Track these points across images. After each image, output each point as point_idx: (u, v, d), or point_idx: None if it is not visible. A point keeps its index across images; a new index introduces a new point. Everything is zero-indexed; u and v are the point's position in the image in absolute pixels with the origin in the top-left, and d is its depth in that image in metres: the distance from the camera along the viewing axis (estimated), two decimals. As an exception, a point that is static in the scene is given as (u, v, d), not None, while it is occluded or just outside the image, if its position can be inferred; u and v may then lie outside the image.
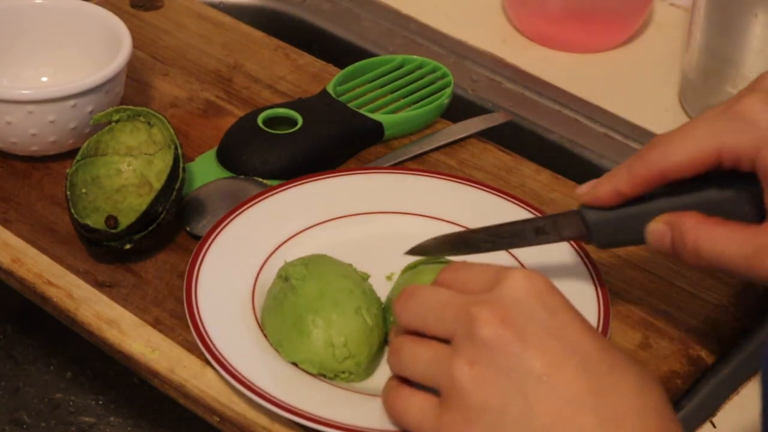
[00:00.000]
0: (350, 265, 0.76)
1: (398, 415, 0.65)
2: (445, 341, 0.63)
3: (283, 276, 0.74)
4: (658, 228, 0.68)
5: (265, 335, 0.73)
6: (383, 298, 0.75)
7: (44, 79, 0.95)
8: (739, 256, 0.64)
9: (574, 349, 0.60)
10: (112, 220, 0.81)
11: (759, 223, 0.65)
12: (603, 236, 0.70)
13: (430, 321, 0.64)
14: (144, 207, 0.80)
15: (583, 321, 0.62)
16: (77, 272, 0.80)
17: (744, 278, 0.66)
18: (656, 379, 0.62)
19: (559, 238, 0.73)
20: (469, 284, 0.64)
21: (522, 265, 0.78)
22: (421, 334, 0.64)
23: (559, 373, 0.60)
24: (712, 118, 0.66)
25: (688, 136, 0.66)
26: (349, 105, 0.93)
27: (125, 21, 0.92)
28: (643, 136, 0.97)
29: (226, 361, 0.71)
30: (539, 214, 0.81)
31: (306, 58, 1.02)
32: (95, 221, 0.81)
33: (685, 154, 0.66)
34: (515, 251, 0.79)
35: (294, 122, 0.90)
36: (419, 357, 0.64)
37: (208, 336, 0.73)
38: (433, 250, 0.75)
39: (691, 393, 0.76)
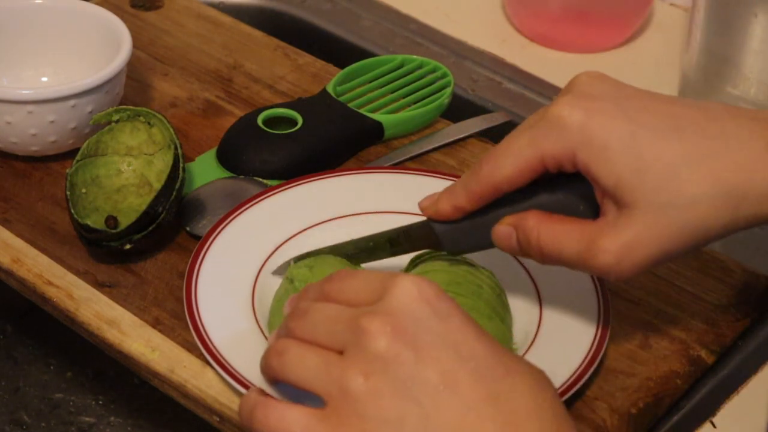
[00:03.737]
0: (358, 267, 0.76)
1: (273, 431, 0.62)
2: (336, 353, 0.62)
3: (289, 278, 0.75)
4: (503, 230, 0.69)
5: (266, 337, 0.73)
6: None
7: (44, 79, 0.95)
8: (574, 251, 0.66)
9: (468, 356, 0.60)
10: (112, 220, 0.81)
11: (593, 219, 0.67)
12: (453, 245, 0.72)
13: (320, 335, 0.62)
14: (144, 207, 0.80)
15: (475, 325, 0.62)
16: (77, 272, 0.80)
17: (583, 272, 0.68)
18: (547, 378, 0.62)
19: (413, 249, 0.74)
20: (357, 295, 0.63)
21: (523, 267, 0.78)
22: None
23: (455, 381, 0.59)
24: (531, 126, 0.67)
25: (512, 148, 0.67)
26: (349, 105, 0.93)
27: (125, 21, 0.92)
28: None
29: (225, 361, 0.71)
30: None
31: (306, 58, 1.02)
32: (95, 221, 0.81)
33: (511, 166, 0.67)
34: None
35: (294, 122, 0.90)
36: (307, 362, 0.62)
37: (208, 336, 0.73)
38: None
39: (691, 393, 0.76)
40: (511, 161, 0.67)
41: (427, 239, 0.72)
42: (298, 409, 0.61)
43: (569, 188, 0.68)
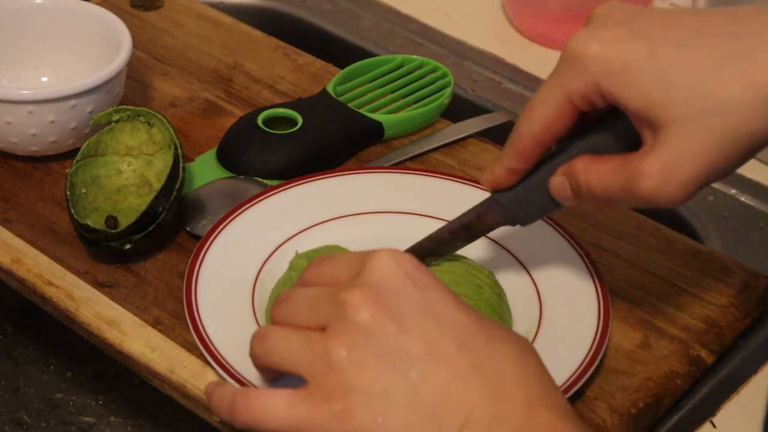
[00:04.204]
0: None
1: (259, 419, 0.61)
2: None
3: (289, 266, 0.75)
4: (557, 181, 0.69)
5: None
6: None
7: (44, 79, 0.95)
8: (619, 185, 0.65)
9: (451, 325, 0.60)
10: (112, 220, 0.81)
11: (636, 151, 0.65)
12: (521, 212, 0.71)
13: (302, 314, 0.62)
14: (144, 207, 0.80)
15: (455, 296, 0.62)
16: (77, 272, 0.80)
17: (633, 206, 0.66)
18: (531, 345, 0.62)
19: (487, 228, 0.73)
20: (337, 275, 0.63)
21: (523, 267, 0.78)
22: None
23: (438, 351, 0.59)
24: (555, 69, 0.66)
25: (540, 97, 0.67)
26: (349, 105, 0.93)
27: (125, 21, 0.92)
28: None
29: (225, 361, 0.71)
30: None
31: (306, 58, 1.02)
32: (95, 221, 0.81)
33: (544, 116, 0.66)
34: (516, 252, 0.79)
35: (294, 122, 0.90)
36: (289, 343, 0.62)
37: (207, 336, 0.73)
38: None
39: (691, 393, 0.76)
40: (541, 110, 0.66)
41: (496, 215, 0.72)
42: (280, 392, 0.61)
43: (613, 125, 0.67)
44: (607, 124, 0.67)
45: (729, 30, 0.63)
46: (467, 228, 0.73)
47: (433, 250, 0.75)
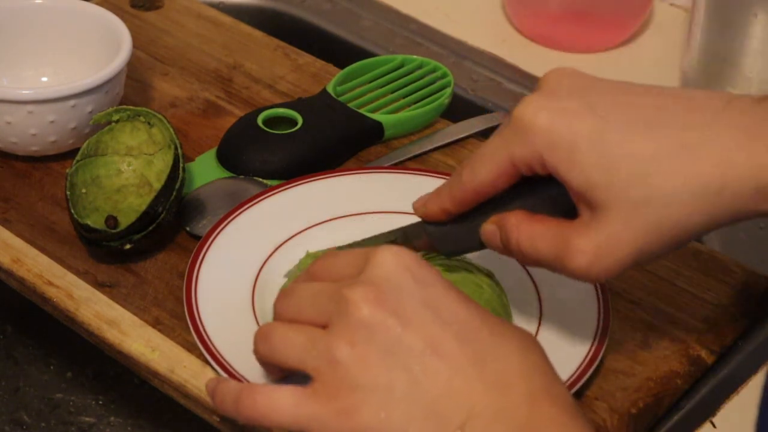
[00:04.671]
0: None
1: (264, 414, 0.62)
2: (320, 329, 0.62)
3: (299, 265, 0.75)
4: (488, 228, 0.69)
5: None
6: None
7: (44, 79, 0.95)
8: (550, 253, 0.65)
9: (452, 320, 0.61)
10: (112, 220, 0.81)
11: (572, 220, 0.65)
12: (445, 245, 0.72)
13: (305, 310, 0.63)
14: (144, 207, 0.80)
15: (456, 291, 0.62)
16: (77, 272, 0.80)
17: (561, 274, 0.66)
18: (535, 340, 0.62)
19: (413, 249, 0.73)
20: (340, 271, 0.64)
21: (523, 267, 0.78)
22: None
23: (440, 345, 0.60)
24: (503, 130, 0.66)
25: (485, 154, 0.67)
26: (349, 105, 0.93)
27: (125, 21, 0.92)
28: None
29: (225, 361, 0.71)
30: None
31: (306, 58, 1.02)
32: (95, 221, 0.81)
33: (487, 172, 0.66)
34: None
35: (294, 122, 0.90)
36: (293, 341, 0.62)
37: (207, 336, 0.73)
38: None
39: (691, 393, 0.76)
40: (485, 167, 0.66)
41: (422, 241, 0.72)
42: (286, 389, 0.61)
43: (551, 190, 0.67)
44: (547, 187, 0.67)
45: (677, 120, 0.63)
46: (393, 244, 0.74)
47: None
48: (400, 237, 0.74)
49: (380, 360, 0.59)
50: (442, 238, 0.71)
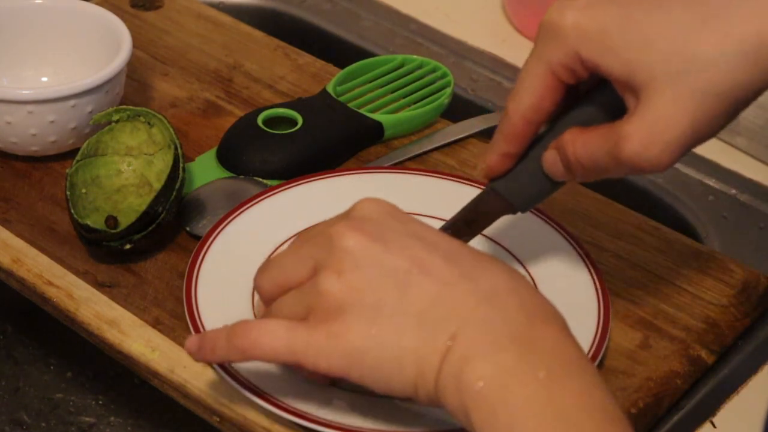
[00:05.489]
0: None
1: (257, 343, 0.63)
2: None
3: None
4: (549, 156, 0.68)
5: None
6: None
7: (44, 79, 0.95)
8: (604, 152, 0.64)
9: (436, 246, 0.62)
10: (112, 220, 0.81)
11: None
12: (520, 198, 0.71)
13: (289, 270, 0.64)
14: (144, 207, 0.80)
15: (436, 229, 0.64)
16: (77, 272, 0.80)
17: (622, 174, 0.65)
18: (519, 273, 0.63)
19: (488, 220, 0.73)
20: (319, 228, 0.65)
21: (523, 267, 0.78)
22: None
23: (426, 264, 0.61)
24: (535, 45, 0.66)
25: (525, 75, 0.66)
26: (349, 105, 0.93)
27: (125, 21, 0.92)
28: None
29: (226, 361, 0.71)
30: (539, 213, 0.81)
31: (306, 58, 1.02)
32: (95, 221, 0.81)
33: (530, 93, 0.66)
34: (515, 252, 0.79)
35: (294, 122, 0.90)
36: (285, 298, 0.64)
37: (208, 336, 0.73)
38: None
39: (691, 393, 0.76)
40: (527, 88, 0.66)
41: (495, 203, 0.71)
42: (279, 321, 0.63)
43: (598, 98, 0.67)
44: (593, 97, 0.67)
45: None
46: (468, 222, 0.73)
47: None
48: (473, 211, 0.73)
49: (367, 282, 0.60)
50: (511, 190, 0.70)
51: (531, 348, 0.58)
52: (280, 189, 0.84)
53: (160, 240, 0.82)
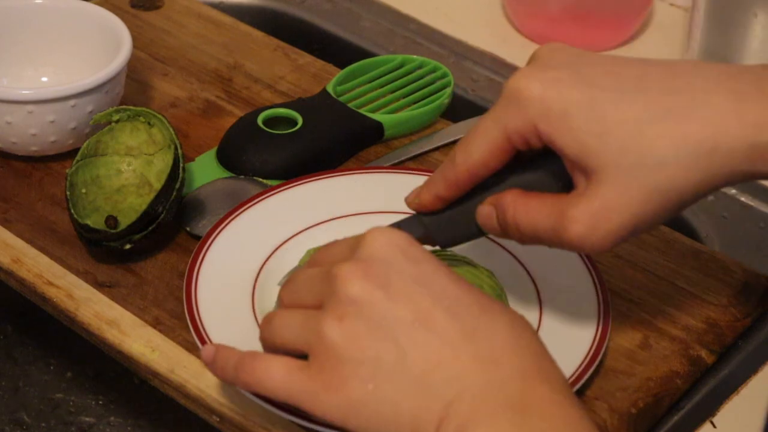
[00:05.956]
0: None
1: (260, 381, 0.63)
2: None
3: (300, 262, 0.75)
4: (484, 210, 0.68)
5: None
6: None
7: (44, 79, 0.95)
8: (546, 226, 0.65)
9: (442, 295, 0.61)
10: (112, 220, 0.81)
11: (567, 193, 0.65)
12: (443, 236, 0.71)
13: (302, 294, 0.64)
14: (144, 207, 0.80)
15: (448, 269, 0.62)
16: (77, 272, 0.80)
17: (559, 248, 0.66)
18: (526, 320, 0.62)
19: None
20: (336, 255, 0.65)
21: (523, 267, 0.78)
22: None
23: (429, 319, 0.60)
24: (496, 106, 0.66)
25: (479, 131, 0.66)
26: (349, 105, 0.93)
27: (125, 21, 0.92)
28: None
29: (226, 361, 0.71)
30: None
31: (306, 58, 1.02)
32: (95, 221, 0.81)
33: (481, 150, 0.66)
34: (516, 252, 0.79)
35: (294, 122, 0.90)
36: (290, 323, 0.63)
37: (207, 336, 0.73)
38: None
39: (691, 393, 0.76)
40: (479, 145, 0.66)
41: (418, 232, 0.72)
42: (281, 359, 0.63)
43: (547, 164, 0.67)
44: (542, 163, 0.67)
45: (668, 85, 0.63)
46: None
47: None
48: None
49: (368, 333, 0.60)
50: (438, 227, 0.71)
51: (527, 413, 0.58)
52: (280, 189, 0.84)
53: (160, 240, 0.82)
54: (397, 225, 0.72)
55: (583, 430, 0.59)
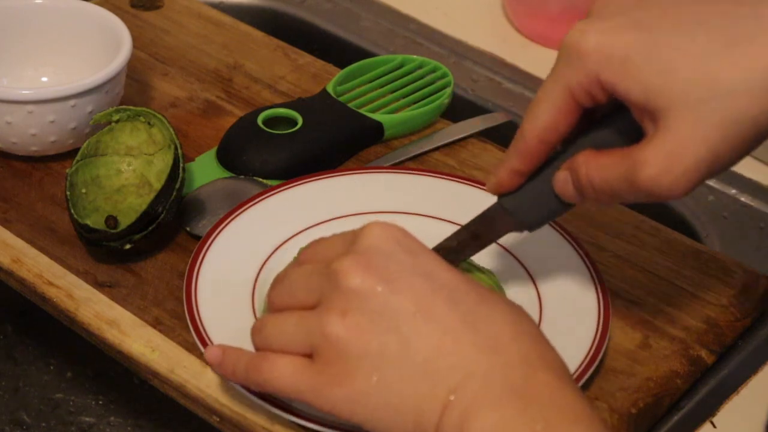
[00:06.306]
0: None
1: (268, 380, 0.63)
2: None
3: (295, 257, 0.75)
4: (560, 176, 0.67)
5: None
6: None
7: (44, 79, 0.95)
8: (619, 175, 0.63)
9: (441, 285, 0.61)
10: (112, 220, 0.81)
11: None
12: (528, 216, 0.70)
13: (297, 293, 0.64)
14: (144, 207, 0.80)
15: (444, 261, 0.63)
16: (77, 272, 0.80)
17: (636, 200, 0.64)
18: (524, 311, 0.63)
19: (496, 235, 0.72)
20: (330, 251, 0.65)
21: (523, 267, 0.78)
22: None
23: (430, 308, 0.60)
24: (555, 65, 0.65)
25: (542, 95, 0.65)
26: (349, 105, 0.93)
27: (125, 21, 0.92)
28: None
29: (226, 361, 0.71)
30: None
31: (306, 58, 1.02)
32: (95, 221, 0.81)
33: (546, 114, 0.65)
34: (516, 253, 0.79)
35: (294, 122, 0.90)
36: (285, 326, 0.63)
37: (207, 336, 0.73)
38: None
39: (691, 393, 0.76)
40: (544, 108, 0.65)
41: (503, 221, 0.71)
42: (288, 358, 0.63)
43: (615, 122, 0.66)
44: (610, 121, 0.67)
45: (731, 12, 0.61)
46: (474, 236, 0.72)
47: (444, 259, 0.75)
48: (480, 225, 0.72)
49: (371, 326, 0.60)
50: (520, 208, 0.70)
51: (530, 400, 0.58)
52: (280, 189, 0.84)
53: (160, 240, 0.82)
54: (482, 216, 0.71)
55: (585, 416, 0.59)
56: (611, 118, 0.67)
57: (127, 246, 0.79)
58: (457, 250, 0.73)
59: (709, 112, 0.60)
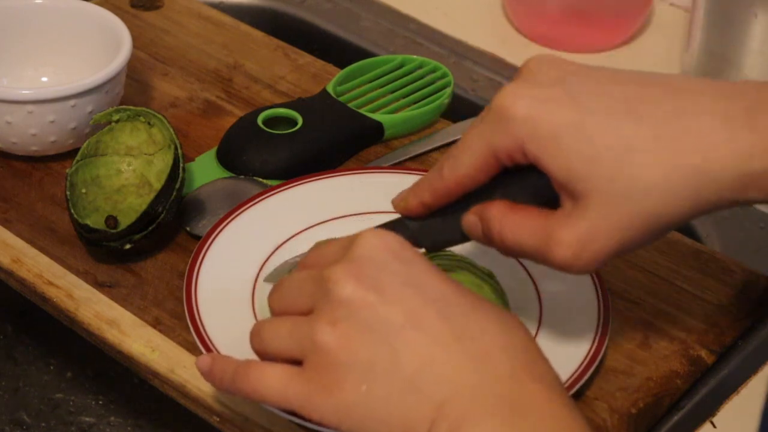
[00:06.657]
0: None
1: (256, 389, 0.63)
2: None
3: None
4: (469, 219, 0.68)
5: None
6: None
7: (44, 79, 0.95)
8: (532, 246, 0.64)
9: (433, 296, 0.61)
10: (112, 220, 0.81)
11: (554, 210, 0.64)
12: (427, 240, 0.71)
13: (294, 299, 0.64)
14: (144, 207, 0.80)
15: (438, 271, 0.63)
16: (77, 272, 0.80)
17: (544, 265, 0.66)
18: (518, 320, 0.62)
19: None
20: (326, 258, 0.65)
21: (523, 267, 0.78)
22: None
23: (420, 320, 0.60)
24: (481, 121, 0.65)
25: (466, 145, 0.66)
26: (349, 105, 0.93)
27: (125, 21, 0.92)
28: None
29: (226, 361, 0.71)
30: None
31: (306, 58, 1.02)
32: (95, 221, 0.81)
33: (467, 165, 0.66)
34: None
35: (294, 122, 0.90)
36: (279, 331, 0.63)
37: (207, 336, 0.73)
38: None
39: (691, 393, 0.76)
40: (466, 159, 0.66)
41: (405, 236, 0.71)
42: (276, 367, 0.63)
43: (533, 178, 0.66)
44: (528, 176, 0.66)
45: (658, 107, 0.62)
46: None
47: None
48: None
49: (361, 336, 0.60)
50: (423, 232, 0.71)
51: (518, 411, 0.58)
52: (280, 189, 0.84)
53: (160, 240, 0.82)
54: (384, 227, 0.72)
55: (576, 428, 0.59)
56: (529, 174, 0.66)
57: (127, 246, 0.79)
58: None
59: (626, 207, 0.62)
